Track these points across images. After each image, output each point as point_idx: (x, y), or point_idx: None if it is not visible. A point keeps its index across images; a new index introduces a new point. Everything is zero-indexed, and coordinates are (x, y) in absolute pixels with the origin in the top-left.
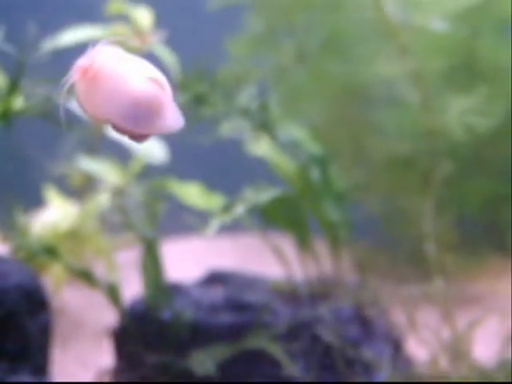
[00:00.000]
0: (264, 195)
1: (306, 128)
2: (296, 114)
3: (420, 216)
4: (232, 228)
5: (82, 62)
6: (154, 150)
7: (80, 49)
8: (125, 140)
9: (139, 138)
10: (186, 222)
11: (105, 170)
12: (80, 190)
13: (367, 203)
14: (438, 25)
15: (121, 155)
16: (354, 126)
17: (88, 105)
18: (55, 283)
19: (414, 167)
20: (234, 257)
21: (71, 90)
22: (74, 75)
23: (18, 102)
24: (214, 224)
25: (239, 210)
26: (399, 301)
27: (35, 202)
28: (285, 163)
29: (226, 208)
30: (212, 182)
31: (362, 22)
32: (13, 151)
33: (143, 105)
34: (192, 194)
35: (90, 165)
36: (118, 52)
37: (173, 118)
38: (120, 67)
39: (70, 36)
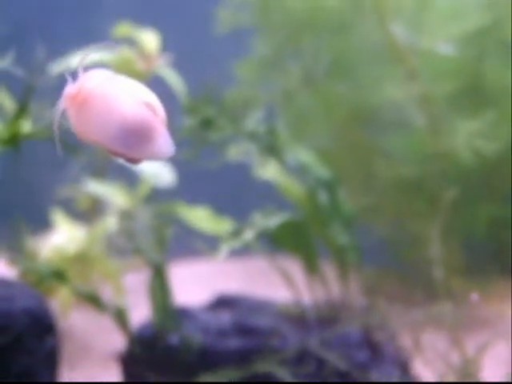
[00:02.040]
0: (273, 220)
1: (314, 151)
2: (303, 138)
3: (428, 240)
4: (239, 251)
5: (70, 88)
6: (161, 174)
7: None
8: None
9: (132, 161)
10: (193, 245)
11: (112, 193)
12: (87, 213)
13: (375, 227)
14: (444, 48)
15: (128, 178)
16: (362, 150)
17: (81, 129)
18: (63, 306)
19: (421, 191)
20: (242, 280)
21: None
22: (64, 102)
23: (27, 126)
24: (224, 249)
25: (248, 235)
26: (407, 325)
27: (42, 225)
28: (293, 187)
29: (235, 233)
30: (220, 206)
31: (370, 45)
32: (20, 174)
33: (134, 128)
34: (200, 218)
35: (98, 188)
36: (110, 75)
37: (164, 144)
38: (110, 91)
39: (78, 59)
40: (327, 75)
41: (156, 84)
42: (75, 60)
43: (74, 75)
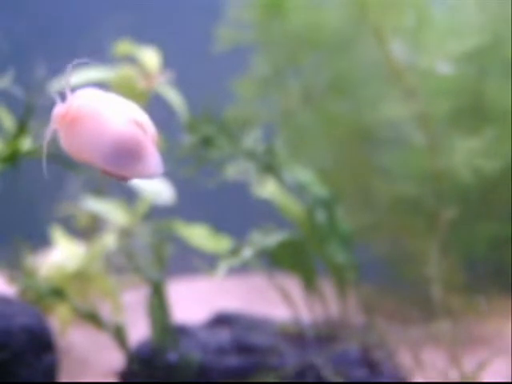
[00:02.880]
0: (271, 238)
1: (312, 170)
2: (302, 156)
3: (426, 258)
4: (237, 269)
5: (58, 109)
6: (160, 191)
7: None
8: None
9: (123, 179)
10: (191, 262)
11: (111, 211)
12: (86, 230)
13: (373, 245)
14: (443, 67)
15: (127, 195)
16: (361, 168)
17: (71, 148)
18: (62, 324)
19: (420, 209)
20: (240, 298)
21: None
22: (53, 123)
23: (26, 144)
24: (222, 267)
25: (247, 253)
26: (406, 342)
27: (41, 242)
28: (291, 205)
29: (234, 251)
30: (218, 224)
31: (369, 63)
32: (20, 192)
33: (123, 146)
34: (199, 235)
35: (96, 205)
36: (99, 94)
37: (154, 162)
38: (99, 109)
39: (78, 77)
40: (326, 93)
41: (156, 102)
42: (74, 78)
43: (64, 94)
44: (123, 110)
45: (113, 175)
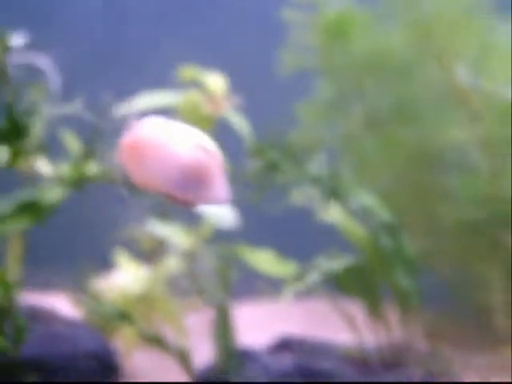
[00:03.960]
0: (337, 263)
1: (376, 194)
2: (366, 180)
3: (490, 283)
4: (300, 293)
5: (125, 138)
6: (224, 215)
7: (154, 114)
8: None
9: (189, 205)
10: (253, 286)
11: (174, 234)
12: (150, 253)
13: (437, 270)
14: (508, 90)
15: (191, 219)
16: (424, 192)
17: (138, 176)
18: (126, 346)
19: (483, 233)
20: (302, 322)
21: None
22: (121, 153)
23: (92, 168)
24: (288, 291)
25: (313, 277)
26: (471, 369)
27: (106, 265)
28: (356, 230)
29: (300, 275)
30: (282, 248)
31: (433, 88)
32: (84, 215)
33: (190, 173)
34: (264, 260)
35: (160, 228)
36: (165, 122)
37: (221, 188)
38: (165, 137)
39: (144, 102)
40: (390, 118)
41: (222, 127)
42: (141, 103)
43: (131, 122)
44: (189, 136)
45: (180, 202)
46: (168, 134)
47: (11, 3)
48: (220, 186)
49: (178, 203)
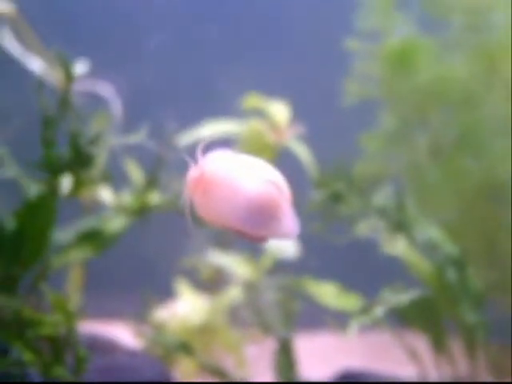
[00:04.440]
0: (403, 297)
1: (441, 226)
2: (430, 212)
3: None
4: (361, 326)
5: (193, 172)
6: (286, 246)
7: (218, 143)
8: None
9: (258, 240)
10: (313, 318)
11: (235, 264)
12: (210, 283)
13: (501, 302)
14: None
15: (252, 249)
16: (488, 224)
17: (206, 212)
18: (186, 377)
19: None
20: (364, 356)
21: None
22: (188, 188)
23: (155, 198)
24: (354, 325)
25: (379, 311)
26: None
27: (167, 294)
28: (421, 264)
29: (365, 309)
30: (345, 280)
31: (498, 118)
32: (146, 244)
33: (259, 208)
34: (328, 293)
35: (221, 258)
36: (231, 155)
37: (290, 223)
38: (233, 172)
39: (207, 130)
40: (454, 148)
41: (285, 157)
42: (204, 131)
43: (198, 154)
44: (257, 170)
45: (249, 237)
46: (235, 167)
47: (79, 32)
48: (289, 220)
49: (246, 239)
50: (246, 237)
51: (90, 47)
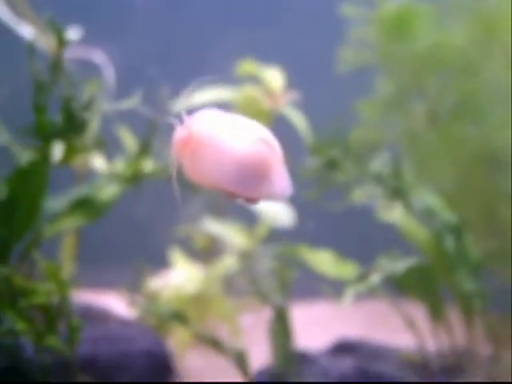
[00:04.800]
0: (399, 265)
1: (438, 194)
2: (427, 179)
3: None
4: (358, 294)
5: (178, 134)
6: (281, 214)
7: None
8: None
9: (250, 201)
10: (310, 287)
11: (230, 233)
12: (204, 252)
13: (499, 272)
14: None
15: (247, 217)
16: (486, 193)
17: (195, 173)
18: (180, 346)
19: None
20: (361, 324)
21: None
22: (175, 149)
23: (148, 165)
24: (350, 293)
25: (375, 279)
26: None
27: (161, 263)
28: (418, 231)
29: (362, 277)
30: (341, 248)
31: (496, 85)
32: (139, 213)
33: (250, 167)
34: (324, 261)
35: (215, 227)
36: (219, 114)
37: (282, 182)
38: (222, 131)
39: (202, 97)
40: (452, 116)
41: (280, 123)
42: (198, 97)
43: (185, 115)
44: (247, 129)
45: (240, 198)
46: (224, 127)
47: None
48: (281, 180)
49: (237, 200)
50: (237, 198)
51: (80, 14)
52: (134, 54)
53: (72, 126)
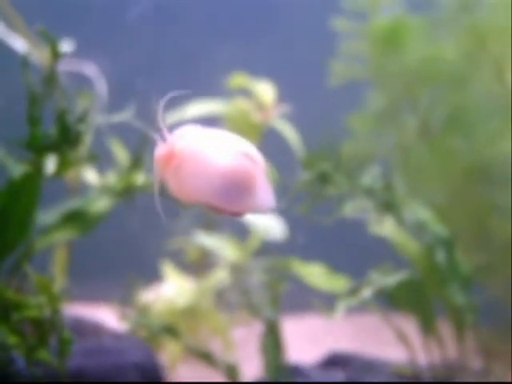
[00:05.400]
0: (391, 279)
1: (429, 207)
2: (418, 193)
3: None
4: (350, 308)
5: (161, 150)
6: (272, 227)
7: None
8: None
9: (235, 215)
10: (301, 300)
11: (222, 246)
12: (196, 265)
13: (490, 286)
14: None
15: (239, 231)
16: (477, 206)
17: (179, 190)
18: (171, 359)
19: None
20: (352, 338)
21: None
22: (158, 165)
23: (140, 178)
24: (341, 307)
25: (366, 293)
26: None
27: (153, 276)
28: (409, 245)
29: (353, 291)
30: (333, 262)
31: (487, 98)
32: (131, 226)
33: (234, 180)
34: (315, 274)
35: (207, 240)
36: (200, 130)
37: (266, 194)
38: (203, 146)
39: (193, 110)
40: (444, 129)
41: (271, 136)
42: (189, 111)
43: (165, 130)
44: (229, 143)
45: (225, 212)
46: (206, 142)
47: (58, 11)
48: (265, 192)
49: (222, 214)
50: (222, 212)
51: (72, 27)
52: (124, 67)
53: (66, 139)
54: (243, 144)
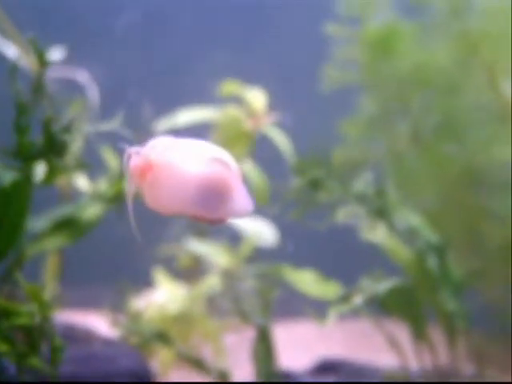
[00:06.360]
0: (382, 285)
1: (421, 213)
2: (411, 198)
3: None
4: (341, 314)
5: (135, 163)
6: (264, 233)
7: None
8: (235, 222)
9: (215, 222)
10: (292, 306)
11: (213, 253)
12: (188, 271)
13: (482, 291)
14: None
15: (230, 238)
16: (469, 212)
17: (154, 201)
18: (163, 366)
19: None
20: (343, 344)
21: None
22: (132, 178)
23: None
24: (333, 314)
25: (358, 300)
26: None
27: (144, 283)
28: (401, 251)
29: (344, 298)
30: (325, 268)
31: (479, 104)
32: (123, 233)
33: (210, 188)
34: (307, 281)
35: (199, 247)
36: (173, 141)
37: (243, 199)
38: (177, 156)
39: (184, 117)
40: (435, 135)
41: (263, 143)
42: (182, 118)
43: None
44: (201, 151)
45: (204, 220)
46: (178, 152)
47: (49, 18)
48: (241, 197)
49: (202, 222)
50: (201, 220)
51: (64, 34)
52: (115, 74)
53: (53, 147)
54: (215, 151)
